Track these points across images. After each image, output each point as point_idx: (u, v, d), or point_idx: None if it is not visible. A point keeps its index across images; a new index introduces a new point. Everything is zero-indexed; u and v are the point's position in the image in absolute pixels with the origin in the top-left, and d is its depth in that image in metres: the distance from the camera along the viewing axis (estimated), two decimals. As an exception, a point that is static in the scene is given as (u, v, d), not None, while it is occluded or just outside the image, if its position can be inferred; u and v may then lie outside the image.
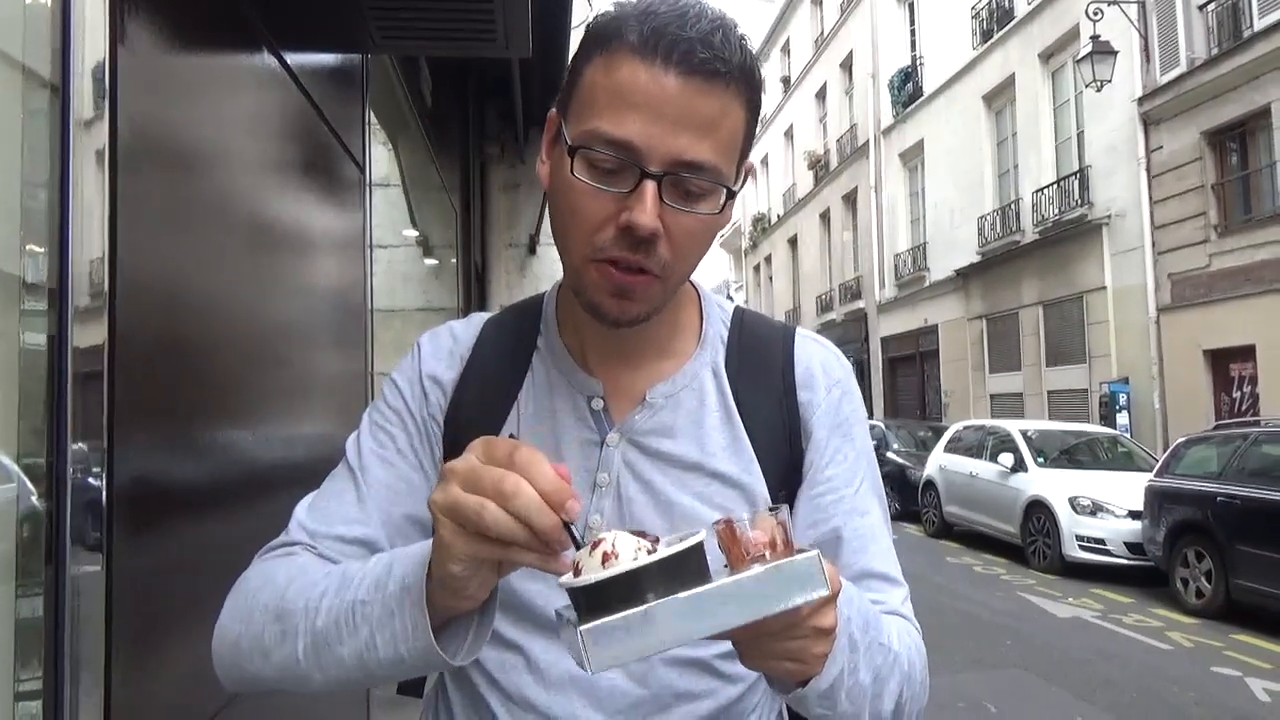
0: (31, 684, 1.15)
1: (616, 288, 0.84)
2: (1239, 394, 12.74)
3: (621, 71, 0.80)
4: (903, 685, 0.83)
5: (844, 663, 0.75)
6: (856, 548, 0.94)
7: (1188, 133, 13.36)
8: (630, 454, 0.93)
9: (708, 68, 0.79)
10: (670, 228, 0.82)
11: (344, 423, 2.60)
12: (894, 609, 0.93)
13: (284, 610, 0.81)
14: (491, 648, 0.91)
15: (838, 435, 0.97)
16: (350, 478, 0.95)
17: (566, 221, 0.85)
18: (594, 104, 0.82)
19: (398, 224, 5.67)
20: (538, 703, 0.90)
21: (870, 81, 24.68)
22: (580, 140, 0.82)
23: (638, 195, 0.80)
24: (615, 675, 0.89)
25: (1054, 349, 16.71)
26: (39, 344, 1.18)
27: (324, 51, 2.55)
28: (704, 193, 0.83)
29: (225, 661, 0.86)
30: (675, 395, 0.95)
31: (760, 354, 0.99)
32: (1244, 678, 6.19)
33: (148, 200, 1.38)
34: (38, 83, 1.19)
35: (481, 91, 6.64)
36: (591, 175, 0.82)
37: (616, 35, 0.81)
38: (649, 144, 0.79)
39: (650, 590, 0.63)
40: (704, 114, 0.80)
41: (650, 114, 0.79)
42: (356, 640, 0.76)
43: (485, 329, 1.02)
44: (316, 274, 2.45)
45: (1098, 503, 9.75)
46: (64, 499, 1.16)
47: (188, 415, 1.57)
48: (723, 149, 0.82)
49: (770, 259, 35.48)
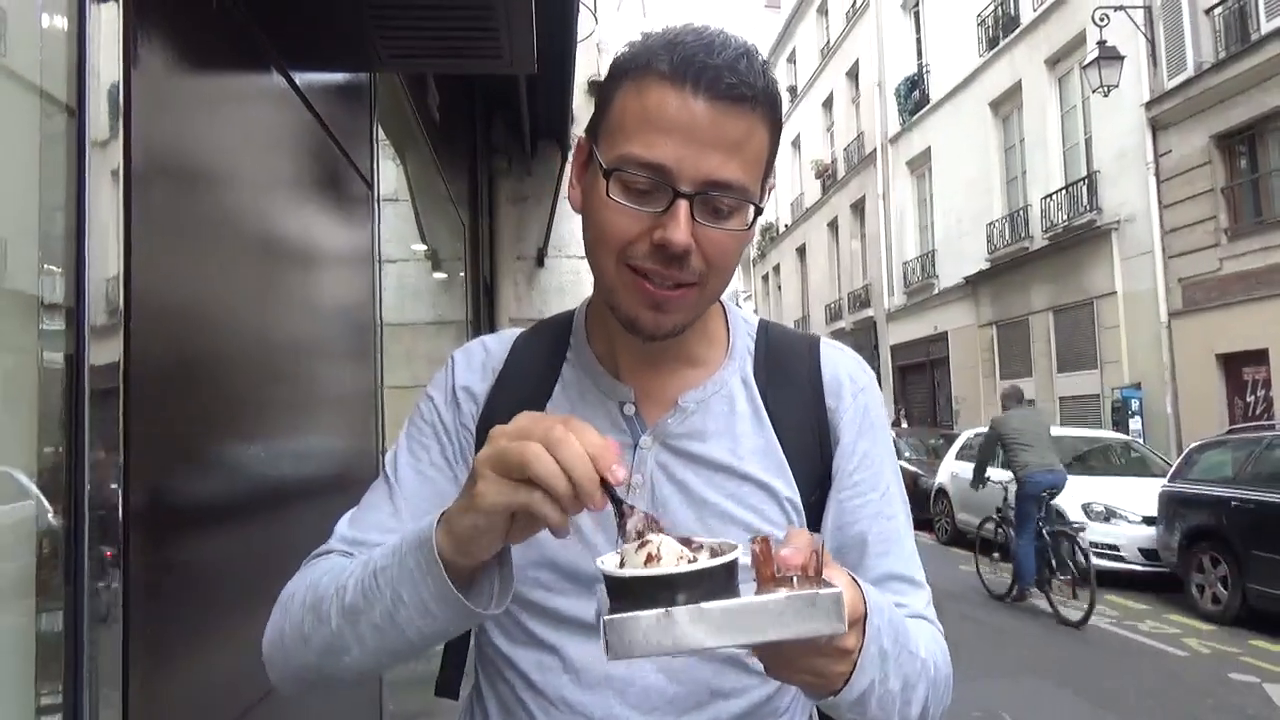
0: (52, 698, 1.17)
1: (652, 301, 0.89)
2: (1253, 398, 12.65)
3: (652, 97, 0.85)
4: (929, 690, 0.86)
5: (875, 673, 0.76)
6: (881, 551, 0.97)
7: (1196, 136, 13.32)
8: (663, 456, 0.96)
9: (734, 93, 0.84)
10: (702, 243, 0.86)
11: (355, 436, 2.63)
12: (917, 612, 0.96)
13: (318, 598, 0.88)
14: (528, 649, 0.95)
15: (865, 440, 1.00)
16: (386, 490, 1.00)
17: (601, 239, 0.89)
18: (625, 129, 0.86)
19: (406, 238, 5.70)
20: (575, 702, 0.92)
21: (877, 90, 24.71)
22: (614, 164, 0.86)
23: (671, 214, 0.84)
24: (650, 673, 0.92)
25: (1065, 355, 16.64)
26: (57, 362, 1.20)
27: (332, 70, 2.59)
28: (733, 210, 0.87)
29: (275, 661, 0.92)
30: (706, 401, 0.99)
31: (787, 363, 1.03)
32: (1262, 684, 6.14)
33: (161, 219, 1.40)
34: (54, 105, 1.22)
35: (489, 105, 6.68)
36: (626, 196, 0.86)
37: (646, 64, 0.86)
38: (680, 165, 0.84)
39: (678, 595, 0.67)
40: (731, 136, 0.85)
41: (681, 137, 0.83)
42: (384, 602, 0.81)
43: (517, 342, 1.07)
44: (327, 289, 2.48)
45: (1111, 509, 9.69)
46: (81, 515, 1.18)
47: (201, 431, 1.59)
48: (749, 168, 0.87)
49: (779, 268, 35.47)
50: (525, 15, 2.59)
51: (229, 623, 1.58)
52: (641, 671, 0.91)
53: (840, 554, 0.97)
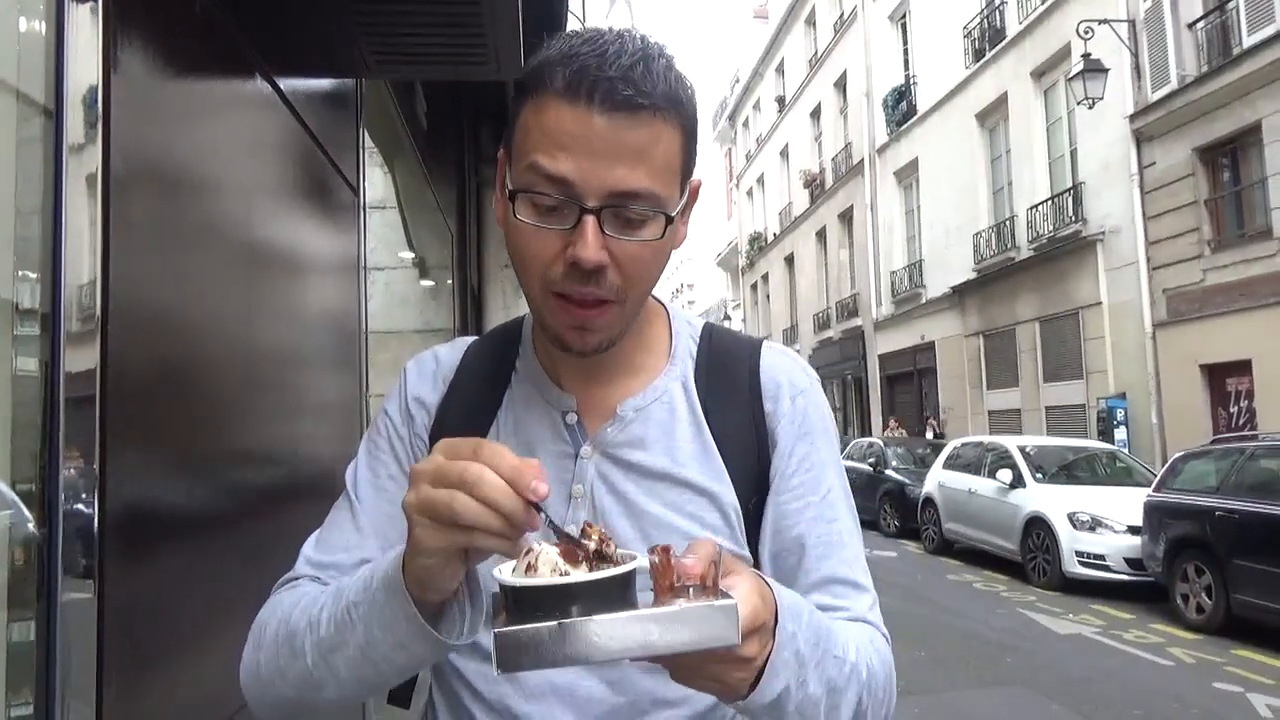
0: (22, 709, 1.15)
1: (575, 321, 0.89)
2: (1236, 408, 12.75)
3: (549, 115, 0.84)
4: (861, 694, 0.85)
5: (790, 678, 0.76)
6: (821, 554, 0.96)
7: (1180, 149, 13.45)
8: (604, 466, 0.96)
9: (631, 103, 0.83)
10: (617, 256, 0.86)
11: (339, 445, 2.60)
12: (859, 615, 0.95)
13: (291, 632, 0.87)
14: (473, 660, 0.95)
15: (804, 443, 0.99)
16: (348, 507, 1.00)
17: (520, 261, 0.90)
18: (527, 148, 0.86)
19: (394, 246, 5.68)
20: (519, 712, 0.93)
21: (864, 100, 24.86)
22: (520, 184, 0.86)
23: (579, 231, 0.84)
24: (593, 682, 0.92)
25: (1051, 365, 16.74)
26: (31, 369, 1.18)
27: (318, 76, 2.57)
28: (644, 220, 0.86)
29: (253, 692, 0.92)
30: (645, 409, 0.99)
31: (727, 367, 1.02)
32: (1246, 693, 6.17)
33: (140, 225, 1.38)
34: (31, 108, 1.20)
35: (477, 113, 6.68)
36: (534, 215, 0.86)
37: (541, 82, 0.85)
38: (583, 179, 0.83)
39: (572, 606, 0.67)
40: (634, 145, 0.83)
41: (581, 152, 0.83)
42: (357, 638, 0.81)
43: (469, 351, 1.07)
44: (310, 297, 2.46)
45: (1097, 518, 9.74)
46: (56, 525, 1.16)
47: (180, 440, 1.57)
48: (658, 175, 0.86)
49: (767, 277, 35.57)
50: (512, 22, 2.58)
51: (207, 635, 1.56)
52: (584, 681, 0.92)
53: (779, 557, 0.96)
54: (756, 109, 36.98)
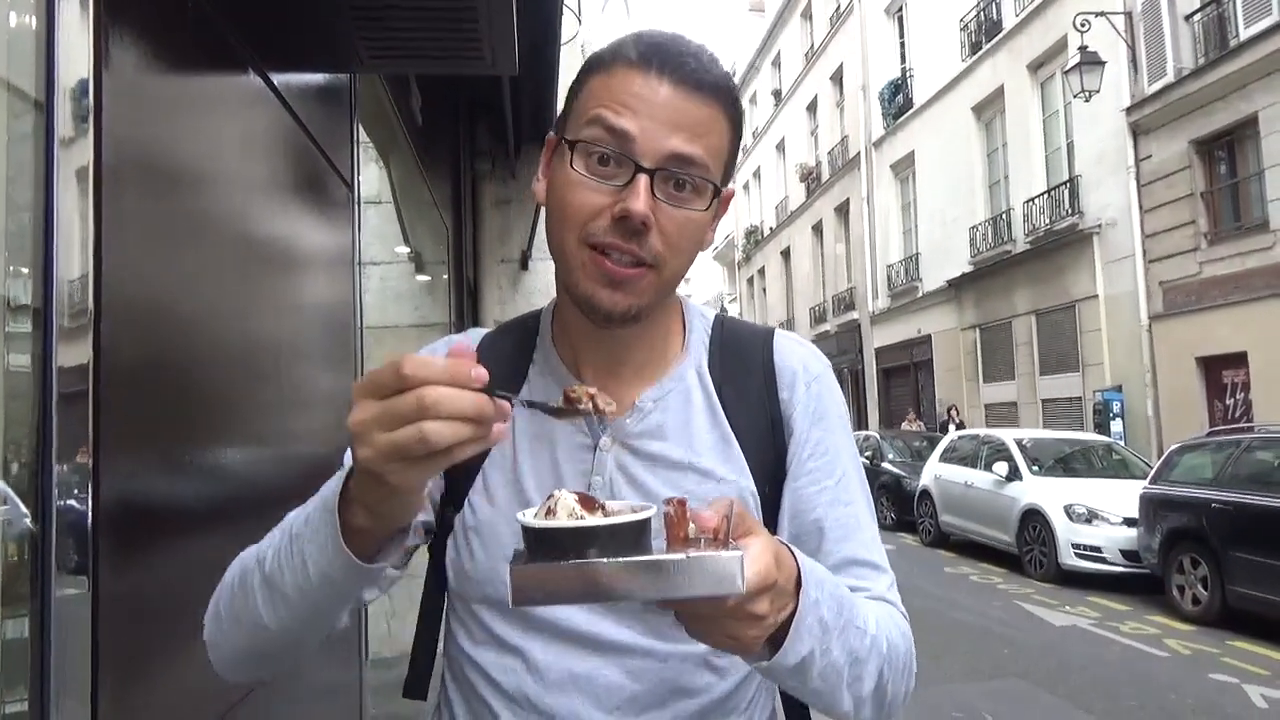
0: (17, 705, 1.15)
1: (609, 278, 0.89)
2: (1232, 401, 12.78)
3: (618, 79, 0.89)
4: (882, 666, 0.86)
5: (814, 644, 0.78)
6: (839, 536, 0.98)
7: (1176, 142, 13.45)
8: (623, 457, 0.97)
9: (697, 77, 0.88)
10: (662, 221, 0.88)
11: (333, 441, 2.60)
12: (879, 595, 0.96)
13: (244, 572, 0.90)
14: (492, 651, 0.96)
15: (818, 428, 1.01)
16: None
17: (564, 217, 0.90)
18: (592, 106, 0.90)
19: (390, 240, 5.68)
20: (538, 702, 0.93)
21: (861, 94, 24.82)
22: (580, 136, 0.89)
23: (632, 188, 0.86)
24: (611, 671, 0.93)
25: (1047, 358, 16.75)
26: (24, 365, 1.18)
27: (311, 71, 2.56)
28: (695, 188, 0.89)
29: (218, 647, 0.93)
30: (663, 399, 1.00)
31: (741, 356, 1.04)
32: (1241, 684, 6.19)
33: (132, 220, 1.38)
34: (22, 102, 1.19)
35: (472, 108, 6.66)
36: (588, 167, 0.88)
37: (614, 55, 0.91)
38: (644, 138, 0.86)
39: (588, 549, 0.69)
40: (693, 118, 0.88)
41: (645, 114, 0.87)
42: (294, 569, 0.83)
43: (483, 342, 1.07)
44: (304, 292, 2.45)
45: (1093, 510, 9.76)
46: (49, 520, 1.16)
47: (173, 435, 1.56)
48: (711, 154, 0.90)
49: (763, 271, 35.55)
50: (507, 16, 2.58)
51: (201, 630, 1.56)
52: (603, 671, 0.92)
53: (798, 541, 0.97)
54: (753, 102, 36.91)
